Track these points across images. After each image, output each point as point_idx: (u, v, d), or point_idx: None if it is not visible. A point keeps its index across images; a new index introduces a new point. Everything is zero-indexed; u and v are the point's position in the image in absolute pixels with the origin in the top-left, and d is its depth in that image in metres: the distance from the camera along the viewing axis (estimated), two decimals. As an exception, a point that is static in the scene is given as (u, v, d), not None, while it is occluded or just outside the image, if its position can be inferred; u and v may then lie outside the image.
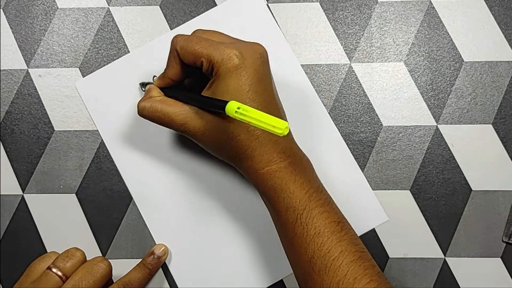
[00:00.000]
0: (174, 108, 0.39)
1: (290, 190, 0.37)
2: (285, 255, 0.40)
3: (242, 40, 0.39)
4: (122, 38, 0.48)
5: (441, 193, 0.45)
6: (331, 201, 0.39)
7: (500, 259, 0.45)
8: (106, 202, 0.46)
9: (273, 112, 0.37)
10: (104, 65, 0.48)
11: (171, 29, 0.48)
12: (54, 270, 0.40)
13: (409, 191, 0.46)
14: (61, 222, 0.46)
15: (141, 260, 0.45)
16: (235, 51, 0.36)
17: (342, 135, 0.46)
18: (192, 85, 0.43)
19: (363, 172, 0.46)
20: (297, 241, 0.37)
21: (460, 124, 0.46)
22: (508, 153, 0.46)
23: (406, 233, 0.45)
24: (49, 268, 0.40)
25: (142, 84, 0.46)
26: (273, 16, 0.48)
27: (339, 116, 0.47)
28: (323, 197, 0.38)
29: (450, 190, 0.45)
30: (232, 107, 0.33)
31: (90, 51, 0.48)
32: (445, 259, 0.45)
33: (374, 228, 0.45)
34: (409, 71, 0.47)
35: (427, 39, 0.47)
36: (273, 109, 0.38)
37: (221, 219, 0.46)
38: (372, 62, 0.47)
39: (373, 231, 0.45)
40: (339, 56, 0.47)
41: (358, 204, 0.45)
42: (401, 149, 0.46)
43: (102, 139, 0.47)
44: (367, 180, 0.46)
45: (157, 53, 0.47)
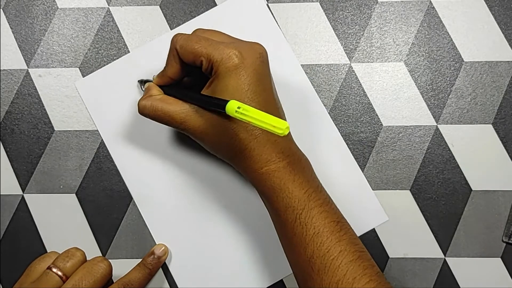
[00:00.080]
0: (174, 107, 0.39)
1: (289, 190, 0.37)
2: (285, 255, 0.40)
3: (242, 40, 0.39)
4: (122, 38, 0.48)
5: (441, 193, 0.45)
6: (330, 201, 0.39)
7: (500, 259, 0.45)
8: (106, 202, 0.46)
9: (273, 112, 0.37)
10: (104, 65, 0.48)
11: (171, 29, 0.48)
12: (54, 270, 0.40)
13: (409, 191, 0.46)
14: (61, 222, 0.46)
15: (141, 260, 0.45)
16: (235, 51, 0.36)
17: (342, 135, 0.46)
18: (191, 84, 0.43)
19: (363, 172, 0.46)
20: (296, 241, 0.37)
21: (460, 124, 0.46)
22: (508, 153, 0.45)
23: (406, 233, 0.45)
24: (49, 268, 0.40)
25: (141, 82, 0.46)
26: (273, 16, 0.48)
27: (339, 116, 0.47)
28: (322, 197, 0.38)
29: (450, 190, 0.45)
30: (233, 107, 0.33)
31: (90, 51, 0.48)
32: (445, 259, 0.45)
33: (374, 228, 0.45)
34: (409, 71, 0.47)
35: (427, 39, 0.47)
36: (272, 109, 0.38)
37: (221, 219, 0.46)
38: (372, 62, 0.47)
39: (373, 231, 0.45)
40: (339, 56, 0.47)
41: (358, 204, 0.45)
42: (401, 149, 0.46)
43: (102, 139, 0.47)
44: (367, 180, 0.46)
45: (157, 53, 0.47)
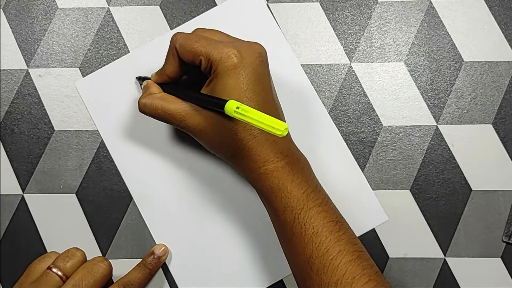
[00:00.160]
0: (174, 105, 0.39)
1: (288, 190, 0.37)
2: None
3: (242, 40, 0.39)
4: (122, 38, 0.48)
5: (441, 193, 0.45)
6: (329, 201, 0.39)
7: (500, 259, 0.45)
8: (106, 202, 0.46)
9: (271, 112, 0.37)
10: (104, 65, 0.48)
11: (171, 29, 0.48)
12: (54, 270, 0.40)
13: (409, 191, 0.46)
14: (61, 222, 0.46)
15: (141, 260, 0.45)
16: (234, 50, 0.36)
17: (342, 135, 0.46)
18: (189, 82, 0.43)
19: (363, 172, 0.46)
20: (295, 241, 0.37)
21: (460, 124, 0.46)
22: (508, 153, 0.45)
23: (406, 233, 0.45)
24: (49, 268, 0.40)
25: (139, 79, 0.46)
26: (273, 16, 0.48)
27: (339, 116, 0.47)
28: (321, 197, 0.38)
29: (450, 190, 0.45)
30: (232, 106, 0.33)
31: (90, 51, 0.48)
32: (445, 259, 0.45)
33: (374, 228, 0.45)
34: (409, 71, 0.47)
35: (427, 39, 0.47)
36: (271, 109, 0.38)
37: (221, 219, 0.46)
38: (372, 62, 0.47)
39: (373, 231, 0.45)
40: (339, 56, 0.47)
41: (358, 204, 0.45)
42: (401, 149, 0.46)
43: (102, 139, 0.47)
44: (367, 180, 0.46)
45: (157, 53, 0.47)
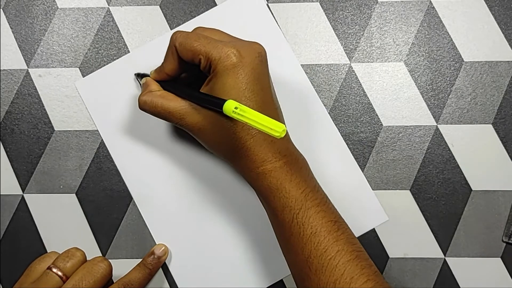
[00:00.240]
0: (174, 103, 0.39)
1: (286, 190, 0.37)
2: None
3: (241, 39, 0.39)
4: (122, 38, 0.48)
5: (441, 193, 0.45)
6: (328, 201, 0.39)
7: (500, 259, 0.44)
8: (106, 202, 0.46)
9: (270, 112, 0.37)
10: (104, 65, 0.48)
11: (171, 29, 0.48)
12: (54, 270, 0.40)
13: (409, 191, 0.45)
14: (61, 222, 0.46)
15: (141, 260, 0.45)
16: (233, 50, 0.36)
17: (342, 135, 0.46)
18: (188, 80, 0.43)
19: (363, 172, 0.46)
20: (294, 241, 0.37)
21: (460, 124, 0.46)
22: (508, 153, 0.45)
23: (406, 233, 0.45)
24: (49, 268, 0.40)
25: (138, 75, 0.46)
26: (273, 16, 0.48)
27: (339, 116, 0.47)
28: (319, 197, 0.38)
29: (450, 190, 0.45)
30: (230, 107, 0.33)
31: (90, 51, 0.48)
32: (445, 259, 0.45)
33: (374, 228, 0.45)
34: (409, 71, 0.47)
35: (427, 39, 0.47)
36: (270, 109, 0.38)
37: (221, 219, 0.46)
38: (372, 62, 0.47)
39: (373, 231, 0.45)
40: (339, 56, 0.47)
41: (358, 204, 0.45)
42: (401, 149, 0.46)
43: (102, 139, 0.47)
44: (367, 180, 0.46)
45: (157, 53, 0.47)
